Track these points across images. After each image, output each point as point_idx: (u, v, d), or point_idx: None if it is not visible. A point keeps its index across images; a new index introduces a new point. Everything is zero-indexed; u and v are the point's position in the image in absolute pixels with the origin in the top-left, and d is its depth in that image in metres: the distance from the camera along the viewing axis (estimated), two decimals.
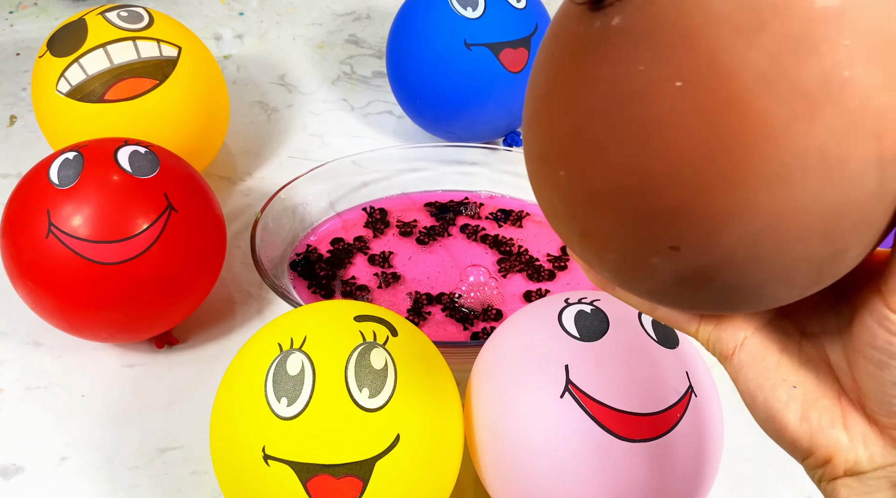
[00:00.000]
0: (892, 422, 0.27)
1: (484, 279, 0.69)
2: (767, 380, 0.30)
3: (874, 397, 0.27)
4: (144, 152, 0.60)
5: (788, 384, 0.29)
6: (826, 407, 0.29)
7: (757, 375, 0.30)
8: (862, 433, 0.28)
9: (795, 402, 0.29)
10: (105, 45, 0.69)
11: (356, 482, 0.43)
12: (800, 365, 0.30)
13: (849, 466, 0.28)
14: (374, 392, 0.45)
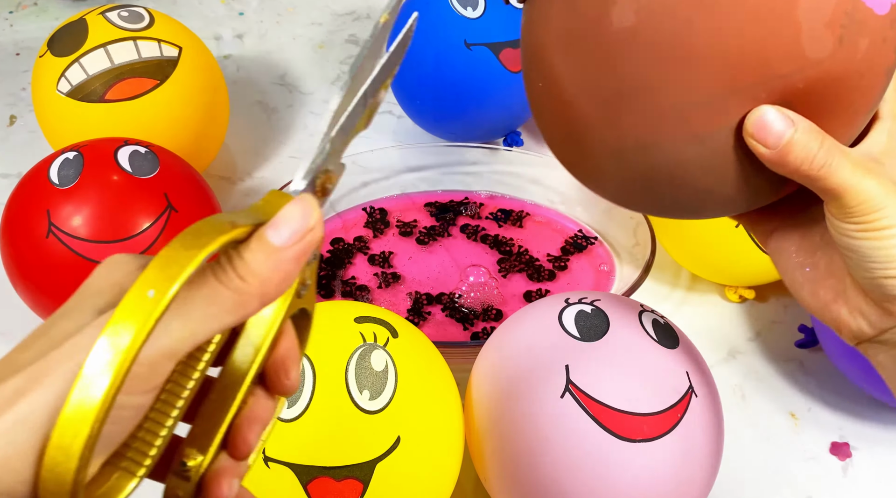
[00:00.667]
0: (876, 295, 0.33)
1: (484, 279, 0.69)
2: (789, 263, 0.37)
3: (856, 277, 0.34)
4: (144, 152, 0.60)
5: (802, 267, 0.36)
6: (831, 285, 0.35)
7: (781, 259, 0.37)
8: (858, 306, 0.34)
9: (809, 282, 0.36)
10: (106, 44, 0.69)
11: (357, 484, 0.43)
12: (815, 250, 0.36)
13: (855, 333, 0.35)
14: (374, 394, 0.44)
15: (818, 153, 0.32)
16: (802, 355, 0.67)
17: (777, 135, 0.31)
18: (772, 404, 0.64)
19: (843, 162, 0.32)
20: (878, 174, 0.33)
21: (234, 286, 0.23)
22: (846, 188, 0.32)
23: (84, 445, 0.20)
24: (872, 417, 0.63)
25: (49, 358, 0.21)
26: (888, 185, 0.33)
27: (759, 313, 0.71)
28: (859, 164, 0.33)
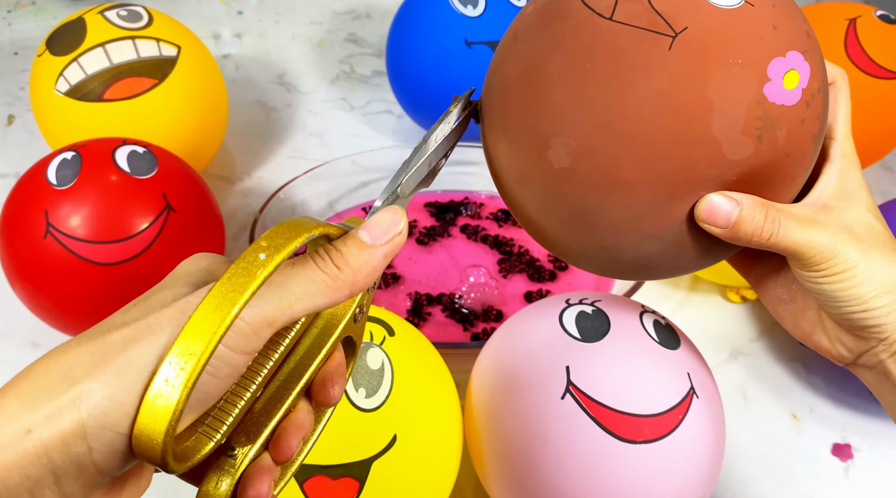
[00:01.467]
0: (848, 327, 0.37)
1: (484, 280, 0.68)
2: (770, 297, 0.40)
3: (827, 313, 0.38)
4: (143, 152, 0.60)
5: (783, 302, 0.40)
6: (809, 317, 0.39)
7: (763, 292, 0.41)
8: (836, 335, 0.38)
9: (790, 314, 0.40)
10: (104, 44, 0.68)
11: (353, 483, 0.43)
12: (791, 285, 0.40)
13: (837, 358, 0.38)
14: (370, 392, 0.44)
15: (765, 224, 0.35)
16: (804, 356, 0.67)
17: (725, 216, 0.34)
18: (773, 405, 0.63)
19: (789, 225, 0.35)
20: (825, 225, 0.36)
21: (330, 272, 0.27)
22: (797, 246, 0.35)
23: (185, 388, 0.22)
24: (874, 419, 0.63)
25: (159, 314, 0.24)
26: (837, 232, 0.36)
27: (760, 314, 0.70)
28: (806, 220, 0.36)
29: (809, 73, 0.34)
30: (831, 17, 0.73)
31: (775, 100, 0.33)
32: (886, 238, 0.37)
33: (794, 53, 0.34)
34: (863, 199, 0.38)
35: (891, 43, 0.71)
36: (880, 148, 0.76)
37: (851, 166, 0.38)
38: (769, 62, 0.33)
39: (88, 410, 0.22)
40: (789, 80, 0.33)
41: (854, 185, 0.38)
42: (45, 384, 0.23)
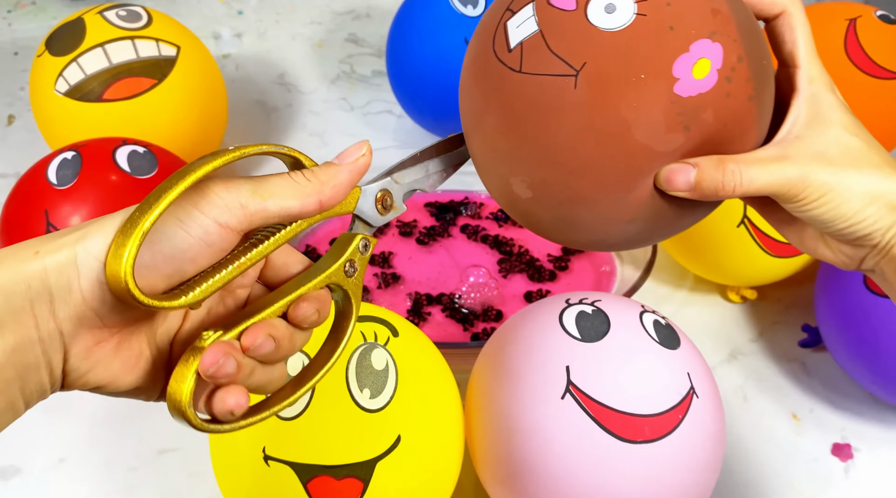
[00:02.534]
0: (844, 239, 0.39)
1: (484, 280, 0.68)
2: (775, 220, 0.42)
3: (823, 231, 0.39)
4: (143, 152, 0.60)
5: (785, 223, 0.41)
6: (811, 234, 0.40)
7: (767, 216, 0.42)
8: (837, 246, 0.39)
9: (795, 232, 0.41)
10: (103, 44, 0.68)
11: (357, 483, 0.43)
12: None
13: (841, 266, 0.40)
14: (375, 393, 0.44)
15: (725, 179, 0.36)
16: (804, 356, 0.67)
17: (684, 180, 0.36)
18: (773, 405, 0.63)
19: (752, 171, 0.37)
20: (794, 159, 0.37)
21: (300, 179, 0.32)
22: (767, 189, 0.37)
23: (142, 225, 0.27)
24: (874, 419, 0.63)
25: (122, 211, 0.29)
26: (807, 162, 0.37)
27: (760, 314, 0.70)
28: (772, 160, 0.37)
29: (722, 51, 0.35)
30: (831, 18, 0.73)
31: (689, 93, 0.35)
32: (862, 152, 0.38)
33: (698, 43, 0.35)
34: (836, 119, 0.38)
35: (891, 43, 0.71)
36: None
37: (821, 89, 0.39)
38: (673, 63, 0.34)
39: (82, 246, 0.28)
40: (699, 70, 0.35)
41: (825, 108, 0.38)
42: (53, 236, 0.29)
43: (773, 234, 0.63)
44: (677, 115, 0.35)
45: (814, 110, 0.38)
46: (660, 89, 0.34)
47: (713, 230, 0.64)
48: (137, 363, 0.31)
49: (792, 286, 0.71)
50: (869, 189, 0.37)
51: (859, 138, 0.39)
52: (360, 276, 0.34)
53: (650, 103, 0.34)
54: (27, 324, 0.28)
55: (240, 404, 0.30)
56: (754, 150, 0.38)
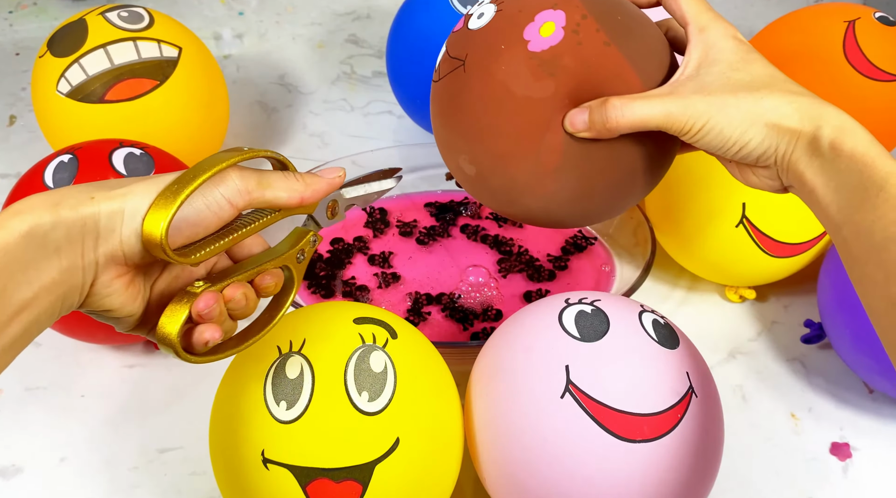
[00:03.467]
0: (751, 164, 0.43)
1: (484, 280, 0.69)
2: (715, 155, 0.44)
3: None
4: (140, 154, 0.60)
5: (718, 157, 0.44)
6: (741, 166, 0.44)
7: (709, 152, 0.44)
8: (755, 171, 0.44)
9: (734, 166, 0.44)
10: (105, 45, 0.69)
11: (356, 486, 0.43)
12: None
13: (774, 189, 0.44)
14: (373, 395, 0.44)
15: (608, 113, 0.43)
16: (803, 356, 0.67)
17: (581, 120, 0.44)
18: (772, 405, 0.64)
19: (634, 106, 0.42)
20: (679, 94, 0.42)
21: (295, 177, 0.41)
22: (650, 120, 0.42)
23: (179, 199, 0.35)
24: (873, 418, 0.63)
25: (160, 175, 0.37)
26: (689, 95, 0.42)
27: (759, 314, 0.71)
28: (657, 96, 0.42)
29: (565, 14, 0.45)
30: (830, 19, 0.73)
31: (542, 48, 0.44)
32: (742, 82, 0.42)
33: (542, 13, 0.45)
34: (723, 59, 0.43)
35: (890, 45, 0.71)
36: None
37: (712, 34, 0.44)
38: (523, 31, 0.45)
39: (130, 201, 0.35)
40: (545, 30, 0.45)
41: (715, 51, 0.43)
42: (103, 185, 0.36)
43: (772, 234, 0.63)
44: (538, 67, 0.44)
45: (704, 54, 0.44)
46: (517, 51, 0.45)
47: (712, 230, 0.64)
48: (136, 299, 0.37)
49: (791, 286, 0.71)
50: (745, 112, 0.41)
51: (743, 72, 0.42)
52: (305, 263, 0.43)
53: (514, 63, 0.45)
54: (77, 252, 0.34)
55: (214, 338, 0.37)
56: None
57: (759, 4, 1.12)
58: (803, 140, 0.40)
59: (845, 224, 0.39)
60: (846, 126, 0.40)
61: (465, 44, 0.48)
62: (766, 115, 0.41)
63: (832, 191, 0.39)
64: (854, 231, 0.38)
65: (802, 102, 0.41)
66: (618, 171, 0.46)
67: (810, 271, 0.67)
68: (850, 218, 0.38)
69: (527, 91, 0.44)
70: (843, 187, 0.39)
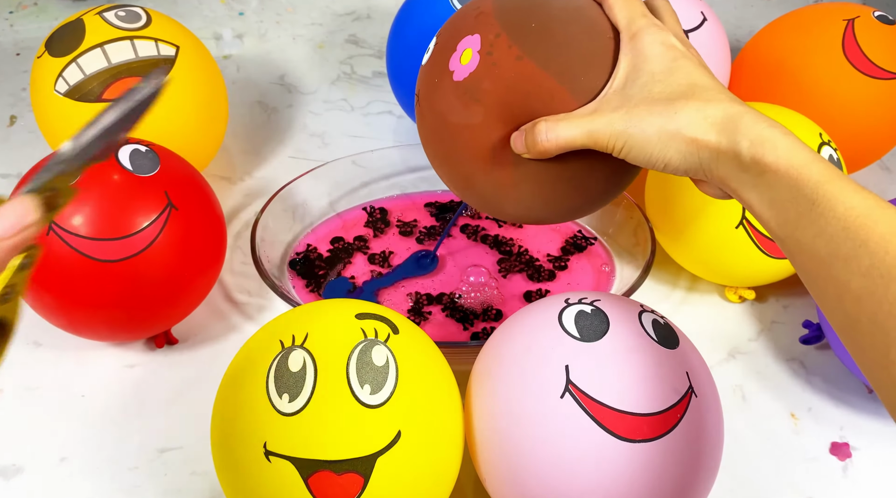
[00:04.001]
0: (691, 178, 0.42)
1: (484, 280, 0.69)
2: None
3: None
4: (145, 151, 0.60)
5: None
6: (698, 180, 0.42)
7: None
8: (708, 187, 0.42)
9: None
10: (103, 44, 0.69)
11: (357, 478, 0.43)
12: None
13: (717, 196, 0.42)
14: (375, 389, 0.45)
15: (537, 136, 0.43)
16: (803, 355, 0.67)
17: (520, 142, 0.44)
18: (772, 405, 0.64)
19: (560, 128, 0.42)
20: (601, 112, 0.41)
21: None
22: (576, 141, 0.42)
23: None
24: (873, 417, 0.63)
25: None
26: (611, 113, 0.41)
27: (759, 314, 0.71)
28: (581, 116, 0.42)
29: (479, 38, 0.45)
30: (829, 18, 0.73)
31: (464, 75, 0.46)
32: (664, 95, 0.40)
33: (463, 41, 0.46)
34: (647, 69, 0.41)
35: (889, 43, 0.71)
36: (878, 148, 0.76)
37: (643, 41, 0.42)
38: (448, 62, 0.47)
39: None
40: (465, 58, 0.46)
41: (641, 61, 0.42)
42: None
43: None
44: (464, 94, 0.46)
45: (632, 65, 0.42)
46: (446, 83, 0.47)
47: (712, 231, 0.64)
48: None
49: (790, 286, 0.71)
50: (660, 128, 0.39)
51: (664, 83, 0.40)
52: (20, 296, 0.33)
53: (445, 94, 0.47)
54: None
55: None
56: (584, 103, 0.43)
57: (759, 4, 1.12)
58: (724, 156, 0.38)
59: (787, 239, 0.37)
60: (764, 136, 0.37)
61: (419, 79, 0.50)
62: (682, 131, 0.39)
63: (766, 207, 0.38)
64: (797, 247, 0.37)
65: (717, 114, 0.39)
66: (573, 179, 0.46)
67: None
68: (791, 235, 0.37)
69: (460, 119, 0.46)
70: (776, 203, 0.37)
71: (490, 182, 0.47)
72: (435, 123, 0.48)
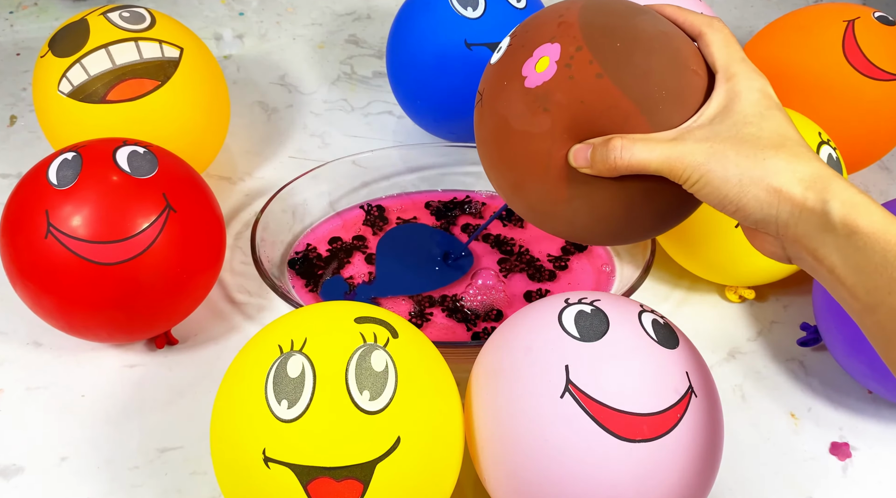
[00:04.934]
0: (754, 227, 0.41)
1: (492, 282, 0.68)
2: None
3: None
4: (143, 152, 0.60)
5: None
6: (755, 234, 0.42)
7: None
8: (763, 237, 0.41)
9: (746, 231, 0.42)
10: (107, 45, 0.69)
11: (357, 485, 0.43)
12: None
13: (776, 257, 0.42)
14: (374, 394, 0.44)
15: (608, 153, 0.42)
16: (802, 355, 0.67)
17: (583, 157, 0.43)
18: (772, 404, 0.64)
19: (636, 148, 0.41)
20: (684, 141, 0.40)
21: None
22: (650, 164, 0.41)
23: None
24: (872, 417, 0.63)
25: None
26: (694, 143, 0.40)
27: (758, 313, 0.71)
28: (661, 141, 0.41)
29: (560, 48, 0.44)
30: (829, 19, 0.73)
31: (536, 83, 0.45)
32: (753, 138, 0.39)
33: (541, 48, 0.45)
34: (738, 110, 0.41)
35: (889, 44, 0.71)
36: (878, 149, 0.76)
37: (739, 83, 0.42)
38: (521, 67, 0.46)
39: None
40: (540, 65, 0.45)
41: (739, 100, 0.41)
42: None
43: None
44: (533, 102, 0.45)
45: (724, 104, 0.42)
46: (515, 87, 0.46)
47: (712, 230, 0.64)
48: None
49: (790, 286, 0.71)
50: (745, 170, 0.39)
51: (755, 127, 0.40)
52: None
53: (512, 99, 0.46)
54: None
55: None
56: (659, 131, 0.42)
57: (759, 4, 1.12)
58: (808, 214, 0.37)
59: (880, 306, 0.36)
60: (857, 201, 0.37)
61: (485, 77, 0.50)
62: (767, 178, 0.38)
63: (854, 271, 0.37)
64: (889, 314, 0.36)
65: (806, 172, 0.38)
66: (630, 206, 0.46)
67: None
68: (884, 301, 0.36)
69: (525, 126, 0.46)
70: (866, 267, 0.36)
71: (542, 194, 0.47)
72: (496, 125, 0.47)
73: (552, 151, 0.45)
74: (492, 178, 0.51)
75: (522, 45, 0.47)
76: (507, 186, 0.49)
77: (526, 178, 0.47)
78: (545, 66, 0.45)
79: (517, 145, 0.46)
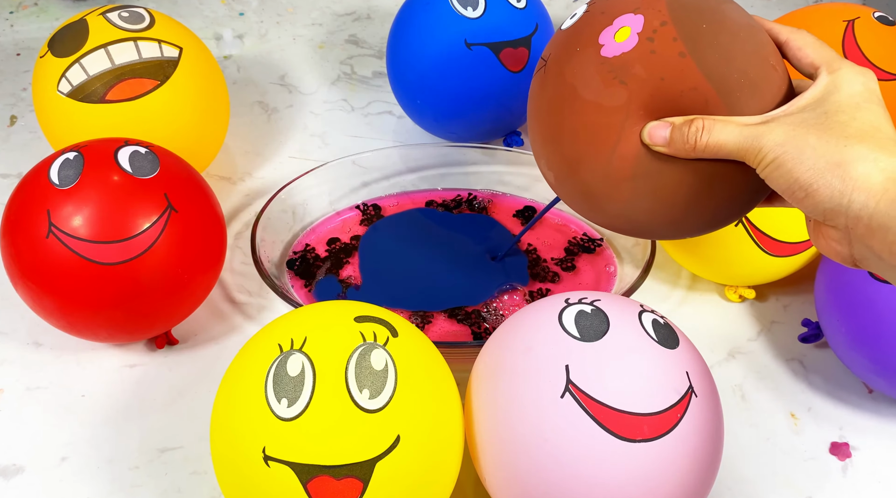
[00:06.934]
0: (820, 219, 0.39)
1: (518, 298, 0.67)
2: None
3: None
4: (145, 152, 0.60)
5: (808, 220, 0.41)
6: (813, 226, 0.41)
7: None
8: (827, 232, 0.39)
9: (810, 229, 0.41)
10: (106, 45, 0.69)
11: (356, 483, 0.43)
12: None
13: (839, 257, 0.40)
14: (374, 393, 0.45)
15: (689, 132, 0.41)
16: (802, 355, 0.67)
17: (660, 135, 0.42)
18: (772, 404, 0.64)
19: (717, 128, 0.40)
20: (769, 126, 0.39)
21: None
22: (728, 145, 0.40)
23: None
24: (872, 417, 0.63)
25: None
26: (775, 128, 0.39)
27: (759, 313, 0.71)
28: (744, 123, 0.40)
29: (643, 19, 0.43)
30: (829, 19, 0.73)
31: (613, 53, 0.43)
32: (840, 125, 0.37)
33: (622, 17, 0.43)
34: (837, 99, 0.39)
35: (889, 44, 0.71)
36: None
37: (843, 75, 0.40)
38: (599, 35, 0.44)
39: None
40: (620, 35, 0.43)
41: (839, 90, 0.40)
42: None
43: (771, 233, 0.63)
44: (608, 73, 0.43)
45: (821, 95, 0.40)
46: (589, 54, 0.44)
47: None
48: None
49: (790, 285, 0.71)
50: (822, 154, 0.36)
51: (846, 115, 0.38)
52: None
53: (585, 66, 0.44)
54: None
55: None
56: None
57: (759, 5, 1.12)
58: (887, 205, 0.35)
59: None
60: None
61: (553, 43, 0.47)
62: (844, 164, 0.36)
63: None
64: None
65: (890, 165, 0.36)
66: (695, 193, 0.44)
67: (810, 270, 0.67)
68: None
69: (595, 97, 0.43)
70: None
71: (603, 171, 0.44)
72: (560, 94, 0.45)
73: (624, 127, 0.43)
74: (544, 154, 0.48)
75: (602, 12, 0.44)
76: (562, 162, 0.46)
77: (588, 152, 0.45)
78: (626, 36, 0.43)
79: (584, 116, 0.44)
